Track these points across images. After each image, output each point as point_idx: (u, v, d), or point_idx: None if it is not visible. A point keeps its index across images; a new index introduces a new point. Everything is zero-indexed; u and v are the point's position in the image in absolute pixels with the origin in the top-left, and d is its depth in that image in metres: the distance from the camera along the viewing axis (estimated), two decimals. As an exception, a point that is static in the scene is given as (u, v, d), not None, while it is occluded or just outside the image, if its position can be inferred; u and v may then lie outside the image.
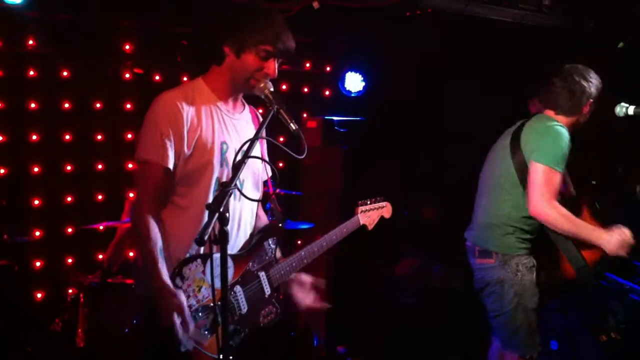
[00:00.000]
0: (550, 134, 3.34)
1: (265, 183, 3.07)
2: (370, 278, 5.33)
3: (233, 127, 2.65)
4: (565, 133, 3.36)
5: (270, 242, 2.75)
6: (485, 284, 3.50)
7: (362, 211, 3.07)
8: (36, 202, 4.86)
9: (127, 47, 5.02)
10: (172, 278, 2.42)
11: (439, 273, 5.33)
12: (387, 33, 5.29)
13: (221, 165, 2.57)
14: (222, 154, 2.57)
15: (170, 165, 2.50)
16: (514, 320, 3.43)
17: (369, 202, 3.10)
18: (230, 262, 2.57)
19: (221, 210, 2.11)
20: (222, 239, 2.14)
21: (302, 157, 2.45)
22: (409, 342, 4.86)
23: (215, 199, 2.15)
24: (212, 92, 2.62)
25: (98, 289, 4.27)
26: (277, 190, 4.58)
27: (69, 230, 4.98)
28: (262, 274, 2.68)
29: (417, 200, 5.75)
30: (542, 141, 3.35)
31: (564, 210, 3.27)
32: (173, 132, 2.49)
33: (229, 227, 2.23)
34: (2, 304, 3.61)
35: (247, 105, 2.80)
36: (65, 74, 4.96)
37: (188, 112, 2.52)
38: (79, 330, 4.29)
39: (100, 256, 5.06)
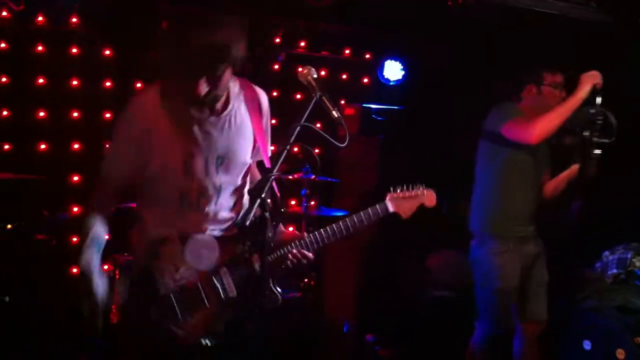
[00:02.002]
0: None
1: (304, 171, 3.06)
2: (401, 268, 5.30)
3: (205, 132, 2.50)
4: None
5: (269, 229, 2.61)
6: (471, 263, 3.95)
7: (392, 198, 2.90)
8: (75, 178, 4.93)
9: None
10: (146, 255, 2.46)
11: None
12: (429, 22, 5.23)
13: (185, 178, 2.49)
14: (186, 165, 2.48)
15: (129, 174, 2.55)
16: (482, 296, 3.87)
17: (399, 190, 2.94)
18: (213, 244, 2.52)
19: (263, 196, 2.13)
20: (262, 224, 2.16)
21: (344, 145, 2.45)
22: (439, 334, 4.84)
23: (257, 184, 2.17)
24: (183, 98, 2.46)
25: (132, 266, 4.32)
26: (314, 177, 4.59)
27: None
28: (254, 257, 2.49)
29: (453, 194, 5.69)
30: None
31: (538, 118, 3.55)
32: (134, 146, 2.48)
33: (213, 203, 2.31)
34: (41, 277, 3.67)
35: (246, 93, 2.66)
36: (107, 52, 5.01)
37: (146, 121, 2.45)
38: (113, 306, 4.36)
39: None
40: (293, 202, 5.37)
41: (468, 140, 5.22)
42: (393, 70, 5.88)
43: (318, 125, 2.67)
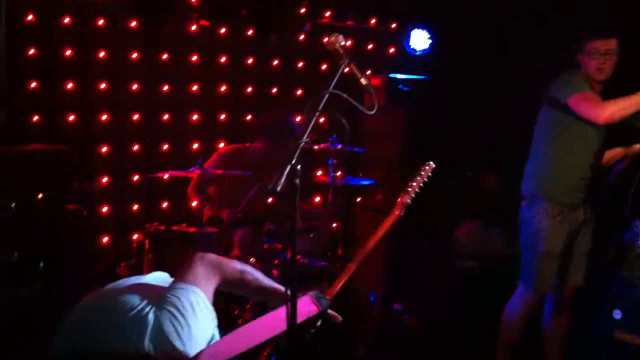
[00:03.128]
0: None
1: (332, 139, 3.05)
2: (429, 238, 5.29)
3: None
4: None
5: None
6: (520, 223, 3.97)
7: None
8: (104, 149, 4.97)
9: (195, -1, 5.06)
10: None
11: (499, 238, 5.27)
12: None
13: None
14: None
15: None
16: (527, 257, 3.90)
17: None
18: None
19: (293, 162, 2.13)
20: (292, 191, 2.16)
21: (372, 112, 2.44)
22: (465, 304, 4.84)
23: (287, 151, 2.17)
24: None
25: (163, 235, 4.37)
26: (340, 147, 4.58)
27: (135, 178, 5.10)
28: None
29: (480, 165, 5.65)
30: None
31: (612, 100, 3.58)
32: None
33: None
34: (72, 247, 3.72)
35: None
36: (133, 24, 5.01)
37: None
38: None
39: (165, 204, 5.18)
40: (320, 173, 5.37)
41: (495, 111, 5.19)
42: (419, 40, 5.80)
43: (344, 95, 2.67)
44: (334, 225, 4.87)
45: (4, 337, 3.18)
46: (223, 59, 5.36)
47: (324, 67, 5.79)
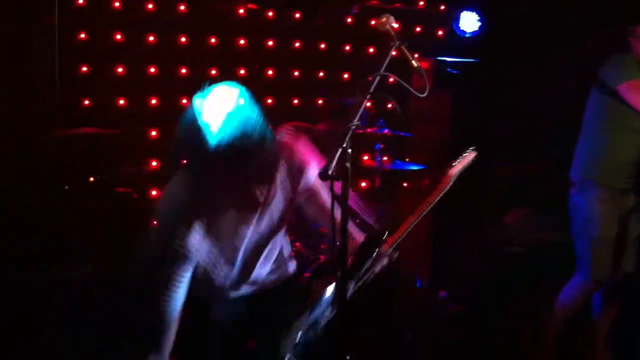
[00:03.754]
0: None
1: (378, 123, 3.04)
2: (477, 225, 5.23)
3: None
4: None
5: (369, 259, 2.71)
6: (570, 211, 3.88)
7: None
8: (153, 133, 5.03)
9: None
10: None
11: (549, 224, 5.18)
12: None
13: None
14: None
15: None
16: (581, 245, 3.79)
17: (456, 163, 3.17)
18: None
19: (344, 146, 2.12)
20: (343, 174, 2.14)
21: (423, 95, 2.41)
22: (513, 292, 4.78)
23: (338, 135, 2.16)
24: None
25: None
26: (388, 132, 4.54)
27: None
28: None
29: (530, 151, 5.55)
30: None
31: None
32: None
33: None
34: (124, 227, 3.78)
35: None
36: (182, 8, 5.04)
37: None
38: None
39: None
40: (366, 157, 5.34)
41: (546, 97, 5.08)
42: (469, 22, 5.71)
43: (391, 80, 2.64)
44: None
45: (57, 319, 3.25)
46: (270, 43, 5.36)
47: (371, 50, 5.74)
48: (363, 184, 5.58)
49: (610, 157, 3.76)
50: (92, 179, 3.69)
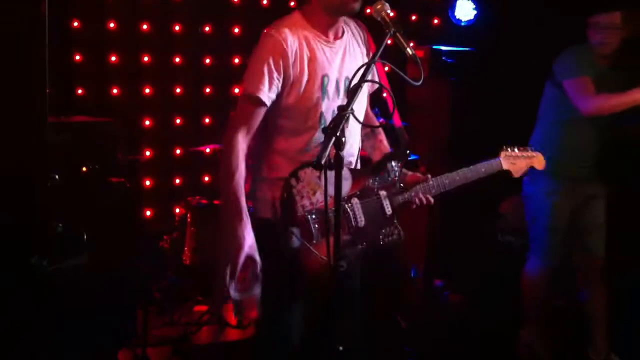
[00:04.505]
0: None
1: (374, 111, 3.05)
2: (472, 213, 5.21)
3: (334, 55, 2.63)
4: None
5: (394, 164, 2.75)
6: (523, 199, 4.11)
7: (505, 156, 3.05)
8: (147, 122, 5.00)
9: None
10: (288, 178, 2.50)
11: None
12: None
13: (323, 99, 2.58)
14: (324, 87, 2.59)
15: (267, 101, 2.53)
16: (533, 232, 4.02)
17: (515, 149, 3.09)
18: (348, 175, 2.63)
19: (337, 134, 2.09)
20: (337, 163, 2.12)
21: (419, 84, 2.39)
22: (509, 280, 4.77)
23: (332, 122, 2.13)
24: (310, 25, 2.60)
25: (205, 209, 4.39)
26: (382, 121, 4.51)
27: (178, 151, 5.11)
28: (382, 193, 2.68)
29: (527, 138, 5.53)
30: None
31: (602, 95, 3.61)
32: (277, 68, 2.52)
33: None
34: (117, 218, 3.75)
35: (350, 26, 2.74)
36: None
37: (293, 48, 2.53)
38: (186, 248, 4.46)
39: (207, 178, 5.19)
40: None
41: (540, 85, 5.04)
42: (465, 10, 5.67)
43: (386, 68, 2.62)
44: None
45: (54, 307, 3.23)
46: (265, 30, 5.31)
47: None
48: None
49: (560, 149, 3.87)
50: (84, 168, 3.65)
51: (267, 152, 2.63)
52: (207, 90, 5.17)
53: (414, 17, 5.84)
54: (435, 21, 5.92)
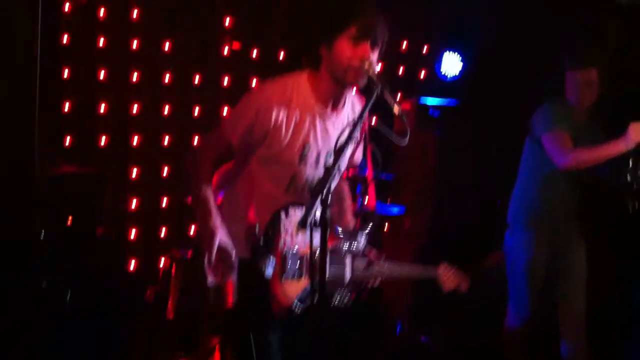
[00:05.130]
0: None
1: (360, 167, 3.07)
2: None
3: (324, 129, 2.66)
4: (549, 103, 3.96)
5: (363, 239, 2.81)
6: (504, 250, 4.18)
7: (443, 269, 3.16)
8: (134, 172, 4.99)
9: (227, 21, 5.09)
10: (279, 209, 2.60)
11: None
12: (490, 12, 5.11)
13: (299, 164, 2.63)
14: (303, 154, 2.62)
15: (237, 145, 2.60)
16: (512, 282, 4.10)
17: (454, 269, 3.18)
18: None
19: (324, 195, 2.10)
20: (323, 223, 2.13)
21: (404, 141, 2.41)
22: (493, 335, 4.75)
23: (319, 183, 2.15)
24: (312, 92, 2.63)
25: (190, 262, 4.35)
26: (371, 178, 4.53)
27: (164, 202, 5.09)
28: (347, 260, 2.75)
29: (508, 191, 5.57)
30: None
31: (578, 149, 3.70)
32: (255, 124, 2.57)
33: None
34: (99, 272, 3.72)
35: (350, 102, 2.78)
36: (167, 45, 5.04)
37: (279, 111, 2.57)
38: (170, 302, 4.41)
39: (193, 228, 5.16)
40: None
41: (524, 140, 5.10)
42: (451, 63, 5.75)
43: (374, 119, 2.64)
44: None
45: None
46: (254, 82, 5.36)
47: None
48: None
49: (538, 201, 3.97)
50: (70, 219, 3.64)
51: (245, 192, 2.68)
52: (196, 139, 5.18)
53: (401, 70, 5.92)
54: (422, 74, 5.99)
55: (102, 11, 4.81)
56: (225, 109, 5.24)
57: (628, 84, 4.46)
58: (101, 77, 4.87)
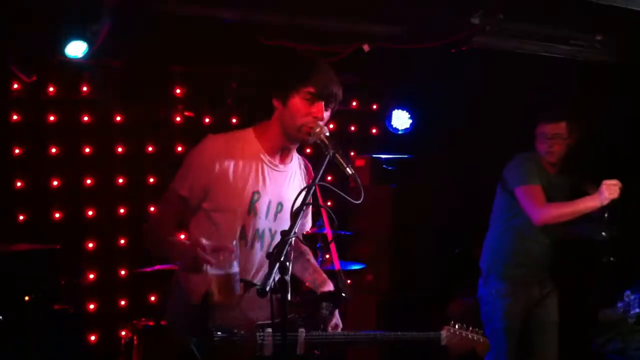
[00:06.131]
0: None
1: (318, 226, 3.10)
2: (421, 319, 5.23)
3: (273, 178, 2.68)
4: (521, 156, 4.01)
5: (326, 305, 2.70)
6: (478, 299, 4.19)
7: (448, 332, 2.84)
8: (90, 245, 4.94)
9: (178, 91, 5.15)
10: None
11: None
12: (434, 70, 5.27)
13: (248, 214, 2.62)
14: (252, 203, 2.62)
15: (188, 196, 2.61)
16: (487, 333, 3.75)
17: (457, 327, 2.87)
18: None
19: (282, 260, 2.12)
20: (282, 288, 2.14)
21: (359, 201, 2.45)
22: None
23: (275, 248, 2.17)
24: (259, 144, 2.67)
25: (152, 331, 4.28)
26: (331, 239, 4.57)
27: (122, 272, 5.04)
28: (301, 330, 2.60)
29: (468, 239, 5.66)
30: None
31: (553, 204, 3.76)
32: (203, 177, 2.60)
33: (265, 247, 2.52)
34: (59, 347, 3.65)
35: (297, 158, 2.83)
36: (118, 119, 5.07)
37: (224, 162, 2.60)
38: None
39: (153, 298, 5.10)
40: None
41: (478, 188, 5.22)
42: (401, 120, 5.90)
43: (329, 178, 2.68)
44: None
45: None
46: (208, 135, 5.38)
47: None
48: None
49: (511, 253, 4.00)
50: (27, 298, 3.57)
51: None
52: (152, 208, 5.17)
53: (353, 128, 6.03)
54: (374, 130, 6.12)
55: (51, 89, 4.83)
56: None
57: (593, 139, 4.54)
58: (53, 152, 4.86)
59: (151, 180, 5.18)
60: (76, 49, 3.95)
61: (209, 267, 2.40)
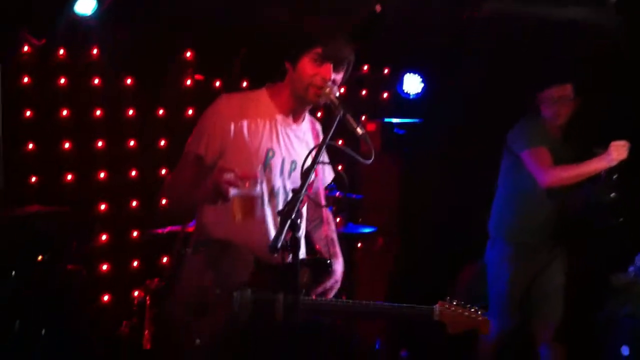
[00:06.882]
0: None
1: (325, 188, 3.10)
2: (433, 280, 5.26)
3: (286, 136, 2.72)
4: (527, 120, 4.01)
5: (308, 274, 2.69)
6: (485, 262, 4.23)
7: (442, 308, 2.73)
8: (102, 207, 4.96)
9: (189, 54, 5.12)
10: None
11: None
12: (446, 35, 5.22)
13: (264, 170, 2.66)
14: (267, 159, 2.67)
15: (205, 157, 2.64)
16: (492, 295, 4.11)
17: (454, 303, 2.76)
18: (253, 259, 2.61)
19: (293, 217, 2.13)
20: (293, 245, 2.15)
21: (370, 161, 2.46)
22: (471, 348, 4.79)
23: (286, 205, 2.17)
24: (273, 104, 2.71)
25: (164, 291, 4.33)
26: (339, 194, 4.58)
27: (134, 234, 5.07)
28: (280, 296, 2.51)
29: (477, 205, 5.65)
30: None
31: (560, 166, 3.73)
32: (218, 134, 2.63)
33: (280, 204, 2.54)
34: (72, 308, 3.69)
35: (308, 118, 2.86)
36: (129, 82, 5.05)
37: (238, 120, 2.63)
38: (146, 332, 4.37)
39: (165, 259, 5.15)
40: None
41: (488, 152, 5.20)
42: (412, 84, 5.86)
43: (340, 142, 2.70)
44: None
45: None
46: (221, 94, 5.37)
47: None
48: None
49: (518, 217, 4.00)
50: (40, 258, 3.61)
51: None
52: (163, 172, 5.18)
53: (363, 92, 6.00)
54: (385, 95, 6.07)
55: (61, 52, 4.81)
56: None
57: (599, 103, 4.51)
58: (64, 115, 4.85)
59: (162, 143, 5.19)
60: (85, 6, 3.94)
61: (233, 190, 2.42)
